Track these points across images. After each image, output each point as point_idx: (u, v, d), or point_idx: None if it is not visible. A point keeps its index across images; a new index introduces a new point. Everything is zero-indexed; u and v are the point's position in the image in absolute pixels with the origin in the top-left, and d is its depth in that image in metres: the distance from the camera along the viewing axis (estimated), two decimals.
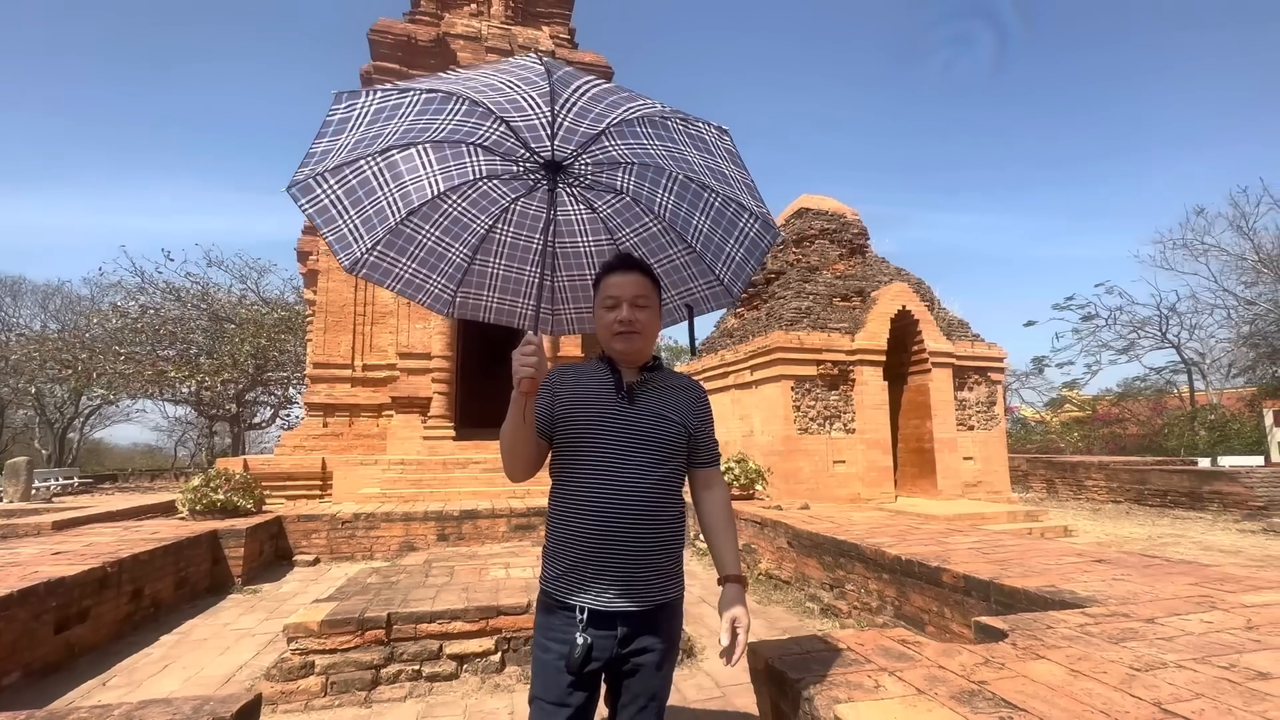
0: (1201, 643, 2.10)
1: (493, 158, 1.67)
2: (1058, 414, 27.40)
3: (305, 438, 11.07)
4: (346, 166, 1.58)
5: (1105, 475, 13.01)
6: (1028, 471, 14.82)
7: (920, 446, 9.41)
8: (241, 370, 23.48)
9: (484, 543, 6.41)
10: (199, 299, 24.34)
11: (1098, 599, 2.68)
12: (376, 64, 12.38)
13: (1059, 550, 3.84)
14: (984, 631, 2.31)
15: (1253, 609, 2.47)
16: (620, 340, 1.56)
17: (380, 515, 6.51)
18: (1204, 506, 10.84)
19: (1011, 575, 3.17)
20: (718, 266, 1.76)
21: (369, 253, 1.73)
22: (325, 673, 3.07)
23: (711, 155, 1.58)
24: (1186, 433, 19.56)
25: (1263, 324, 22.22)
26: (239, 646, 3.88)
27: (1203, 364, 24.01)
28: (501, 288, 1.92)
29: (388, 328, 11.85)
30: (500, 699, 3.07)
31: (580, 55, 13.73)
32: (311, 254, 14.97)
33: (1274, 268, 21.67)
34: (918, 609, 3.60)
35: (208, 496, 5.86)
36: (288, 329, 24.26)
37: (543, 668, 1.53)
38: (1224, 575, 3.07)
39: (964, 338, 10.03)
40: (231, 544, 5.29)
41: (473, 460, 9.91)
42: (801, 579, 4.89)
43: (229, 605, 4.83)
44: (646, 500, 1.51)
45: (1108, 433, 23.19)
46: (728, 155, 1.59)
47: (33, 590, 3.29)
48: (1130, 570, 3.22)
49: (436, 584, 3.87)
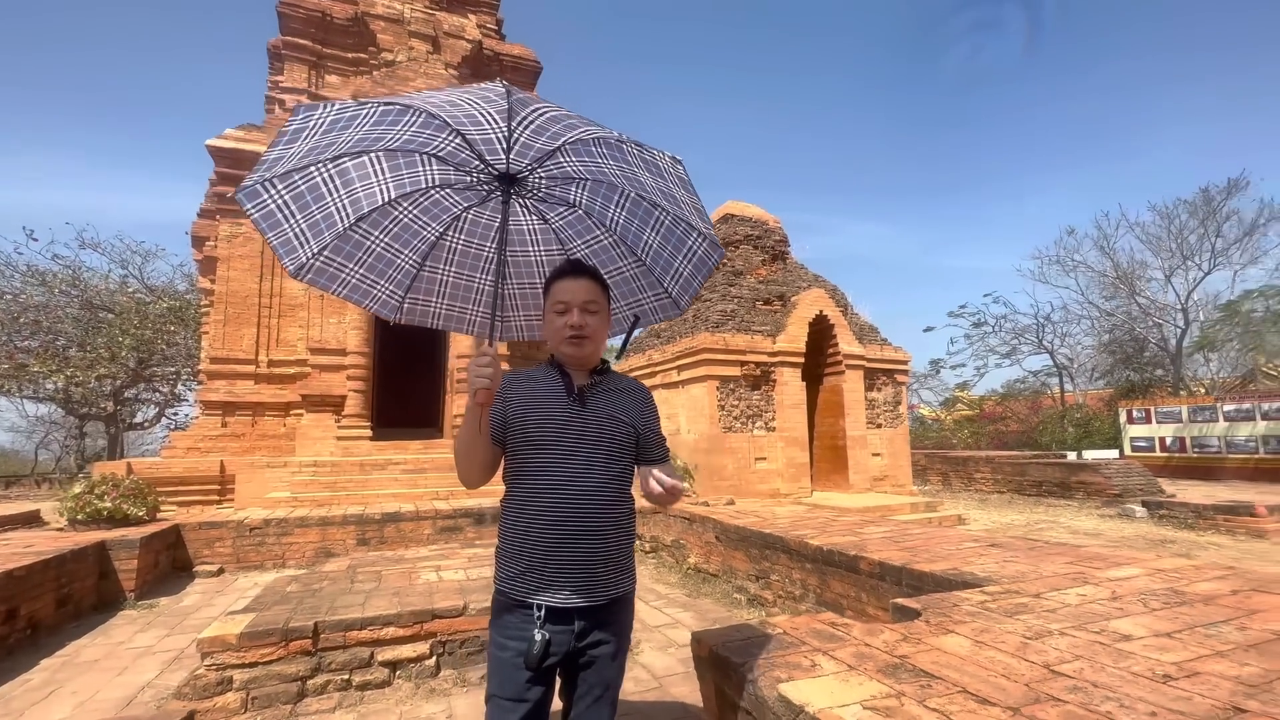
0: (1078, 613, 2.41)
1: (446, 167, 1.68)
2: (951, 413, 29.82)
3: (201, 438, 10.21)
4: (296, 173, 1.57)
5: (991, 469, 14.34)
6: (926, 466, 16.05)
7: (834, 444, 9.99)
8: (121, 365, 21.23)
9: (409, 546, 6.20)
10: (68, 284, 21.74)
11: (994, 579, 3.00)
12: (286, 39, 11.62)
13: (958, 537, 4.25)
14: (900, 611, 2.54)
15: (1116, 582, 2.86)
16: (570, 345, 1.61)
17: (294, 520, 6.14)
18: (1072, 495, 12.19)
19: (920, 561, 3.48)
20: (666, 280, 1.84)
21: (315, 258, 1.70)
22: (245, 688, 2.90)
23: (664, 180, 1.67)
24: (1057, 429, 21.88)
25: (1119, 333, 25.24)
26: (138, 666, 3.56)
27: (1071, 368, 26.94)
28: (450, 294, 1.93)
29: (297, 321, 11.12)
30: (437, 703, 3.02)
31: (508, 47, 13.47)
32: (209, 239, 13.76)
33: (1128, 284, 24.65)
34: (837, 595, 3.86)
35: (92, 504, 5.30)
36: (177, 320, 22.17)
37: (500, 665, 1.55)
38: (1093, 554, 3.52)
39: (874, 342, 10.75)
40: (123, 556, 4.82)
41: (392, 461, 9.52)
42: (729, 571, 5.10)
43: (121, 623, 4.41)
44: (601, 498, 1.58)
45: (993, 430, 25.50)
46: (679, 182, 1.69)
47: None
48: (1018, 553, 3.62)
49: (365, 590, 3.73)
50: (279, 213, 1.60)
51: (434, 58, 12.27)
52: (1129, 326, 24.78)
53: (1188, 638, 2.11)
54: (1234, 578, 2.91)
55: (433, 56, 12.28)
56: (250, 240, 10.83)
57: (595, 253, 1.86)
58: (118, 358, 20.94)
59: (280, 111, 11.42)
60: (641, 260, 1.83)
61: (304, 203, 1.61)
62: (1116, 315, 25.25)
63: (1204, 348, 22.00)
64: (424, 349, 12.93)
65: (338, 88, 11.94)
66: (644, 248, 1.81)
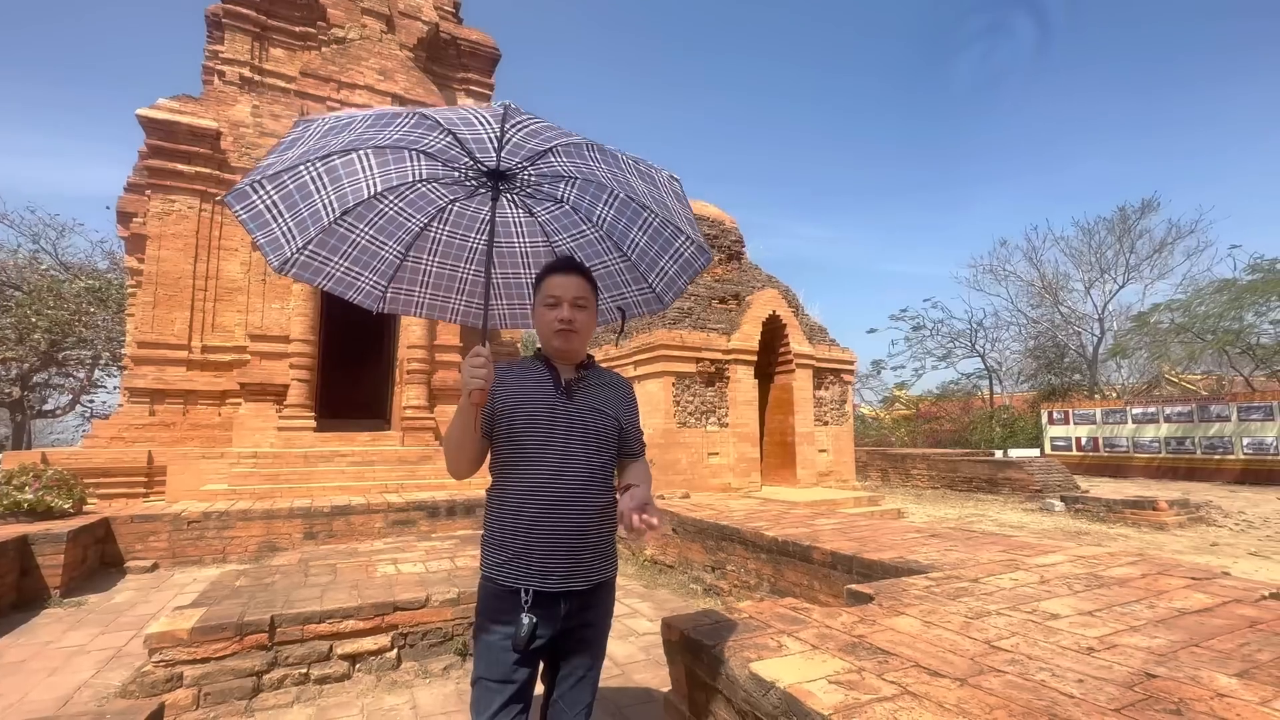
0: (1012, 595, 2.64)
1: (435, 163, 1.71)
2: (890, 411, 31.15)
3: (126, 427, 9.58)
4: (286, 173, 1.59)
5: (927, 465, 15.11)
6: (866, 462, 16.75)
7: (784, 440, 10.32)
8: (31, 347, 19.64)
9: (359, 540, 6.05)
10: None
11: (936, 566, 3.23)
12: (227, 7, 10.97)
13: (901, 528, 4.51)
14: (855, 596, 2.71)
15: (1043, 568, 3.13)
16: (559, 338, 1.67)
17: (236, 513, 5.89)
18: (999, 490, 13.00)
19: (869, 550, 3.69)
20: (650, 276, 1.91)
21: (299, 252, 1.71)
22: (197, 684, 2.81)
23: (657, 189, 1.74)
24: (986, 429, 23.20)
25: (1043, 340, 26.99)
26: (70, 666, 3.37)
27: (1000, 371, 28.63)
28: (434, 284, 1.95)
29: (235, 305, 10.58)
30: (399, 695, 3.00)
31: (466, 32, 13.18)
32: (136, 215, 12.93)
33: (1052, 293, 26.37)
34: (791, 583, 4.04)
35: (11, 496, 4.93)
36: (97, 300, 20.67)
37: (487, 649, 1.60)
38: (1022, 544, 3.82)
39: (823, 342, 11.14)
40: (48, 551, 4.51)
41: (339, 453, 9.22)
42: (685, 563, 5.23)
43: (46, 622, 4.14)
44: (585, 487, 1.64)
45: (928, 429, 26.81)
46: (674, 195, 1.76)
47: None
48: (957, 543, 3.89)
49: (320, 583, 3.65)
50: (267, 213, 1.62)
51: (388, 37, 11.88)
52: (1052, 333, 26.57)
53: (1106, 615, 2.34)
54: (1143, 563, 3.22)
55: (387, 36, 11.88)
56: (184, 219, 10.24)
57: (580, 246, 1.91)
58: (26, 339, 19.37)
59: (220, 83, 10.81)
60: (627, 256, 1.89)
61: (292, 201, 1.63)
62: (1041, 323, 27.02)
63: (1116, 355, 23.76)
64: (373, 339, 12.55)
65: (283, 61, 11.40)
66: (630, 245, 1.87)
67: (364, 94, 10.99)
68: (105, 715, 1.50)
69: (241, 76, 10.89)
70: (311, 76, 10.70)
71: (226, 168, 10.19)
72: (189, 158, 10.15)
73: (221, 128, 10.11)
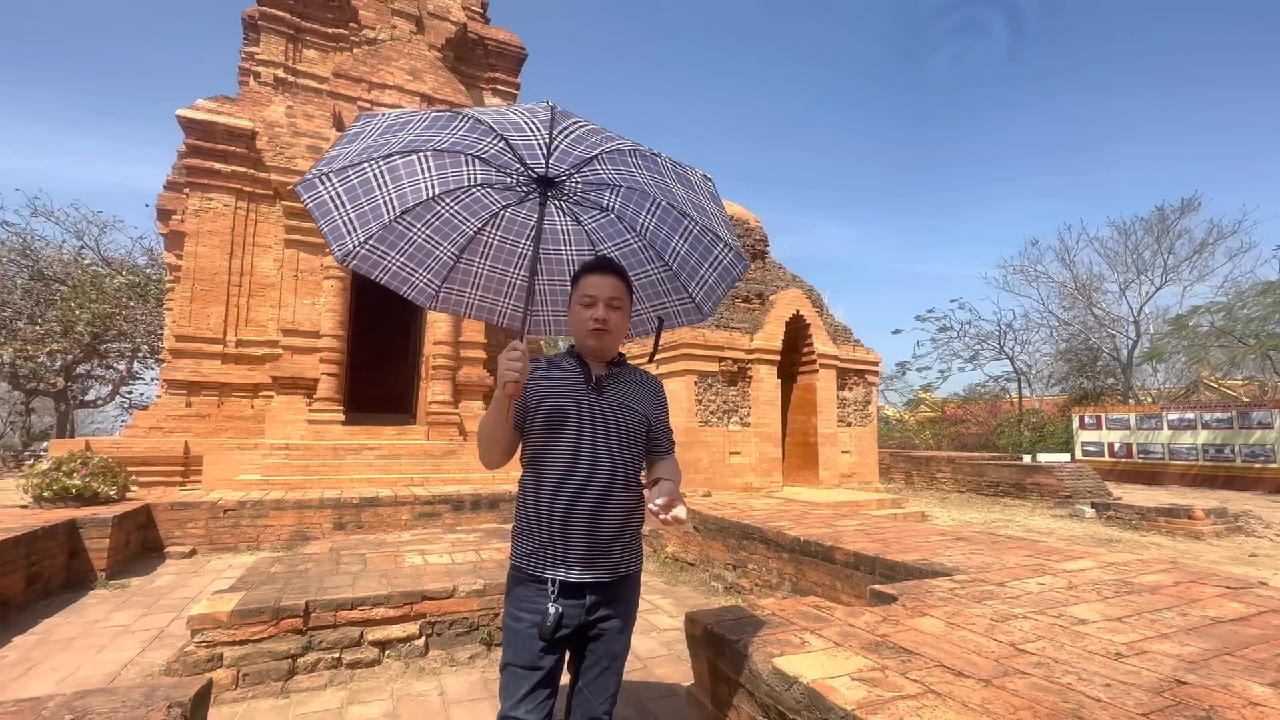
0: (1038, 599, 2.61)
1: (488, 168, 1.76)
2: (915, 414, 30.69)
3: (164, 418, 9.93)
4: (350, 169, 1.67)
5: (952, 469, 14.88)
6: (890, 465, 16.55)
7: (806, 440, 10.26)
8: (74, 339, 20.38)
9: (386, 531, 6.19)
10: (18, 254, 20.75)
11: (961, 569, 3.20)
12: (262, 9, 11.27)
13: (925, 531, 4.47)
14: (878, 597, 2.71)
15: (1071, 573, 3.09)
16: (593, 337, 1.71)
17: (269, 503, 6.07)
18: (1026, 495, 12.75)
19: (892, 552, 3.67)
20: (691, 286, 1.94)
21: (361, 245, 1.79)
22: (236, 665, 2.92)
23: (695, 192, 1.77)
24: (1015, 433, 22.74)
25: (1075, 342, 26.33)
26: (117, 645, 3.53)
27: (1029, 374, 28.00)
28: (484, 286, 2.00)
29: (268, 301, 10.87)
30: (427, 681, 3.09)
31: (494, 32, 13.32)
32: (175, 213, 13.33)
33: (1085, 295, 25.71)
34: (813, 583, 4.04)
35: (60, 482, 5.16)
36: (136, 295, 21.37)
37: (515, 636, 1.64)
38: (1050, 549, 3.77)
39: (847, 342, 11.04)
40: (94, 534, 4.72)
41: (366, 446, 9.42)
42: (706, 561, 5.25)
43: (93, 602, 4.33)
44: (612, 481, 1.68)
45: (954, 431, 26.35)
46: (709, 195, 1.79)
47: None
48: (982, 546, 3.85)
49: (351, 572, 3.76)
50: (331, 203, 1.70)
51: (417, 37, 12.07)
52: (1085, 336, 25.90)
53: (1136, 622, 2.31)
54: (1175, 571, 3.16)
55: (416, 37, 12.07)
56: (220, 216, 10.55)
57: (624, 255, 1.94)
58: (71, 332, 20.11)
59: (255, 84, 11.09)
60: (669, 265, 1.92)
61: (354, 195, 1.71)
62: (1074, 325, 26.36)
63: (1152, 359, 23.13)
64: (400, 334, 12.78)
65: (316, 62, 11.67)
66: (672, 254, 1.90)
67: (394, 94, 11.19)
68: (158, 688, 1.57)
69: (276, 77, 11.17)
70: (343, 77, 10.93)
71: (261, 166, 10.46)
72: (225, 157, 10.44)
73: (257, 127, 10.38)
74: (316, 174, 1.66)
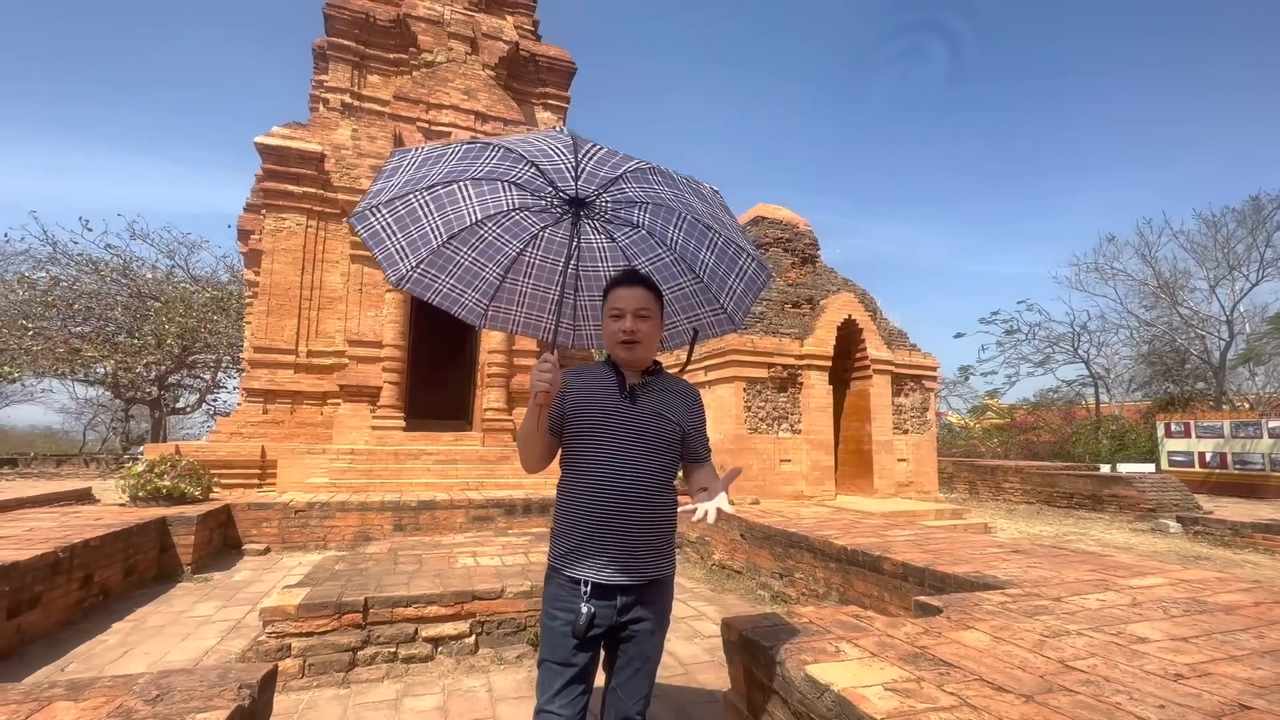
0: (1097, 616, 2.49)
1: (524, 193, 1.88)
2: (980, 420, 29.30)
3: (243, 424, 10.65)
4: (397, 200, 1.82)
5: (1020, 478, 14.13)
6: (953, 474, 15.88)
7: (859, 448, 10.00)
8: (166, 351, 22.13)
9: (442, 533, 6.45)
10: (119, 273, 22.74)
11: (1015, 582, 3.08)
12: (331, 40, 12.00)
13: (982, 543, 4.30)
14: (922, 608, 2.65)
15: (1138, 590, 2.92)
16: (623, 348, 1.77)
17: (335, 505, 6.43)
18: (1103, 508, 11.97)
19: (943, 563, 3.56)
20: (722, 296, 1.99)
21: (413, 270, 1.94)
22: (302, 655, 3.13)
23: (709, 205, 1.82)
24: (1091, 441, 21.39)
25: (1159, 344, 24.54)
26: (200, 633, 3.84)
27: (1107, 378, 26.26)
28: (529, 303, 2.12)
29: (335, 314, 11.51)
30: (476, 678, 3.21)
31: (544, 48, 13.69)
32: (253, 233, 14.30)
33: (1170, 293, 23.93)
34: (860, 594, 3.96)
35: (152, 483, 5.65)
36: (219, 309, 23.03)
37: (550, 634, 1.72)
38: (1117, 563, 3.56)
39: (902, 347, 10.71)
40: (181, 531, 5.15)
41: (425, 452, 9.83)
42: (753, 569, 5.22)
43: (180, 593, 4.72)
44: (645, 487, 1.73)
45: (1023, 439, 25.01)
46: (721, 208, 1.84)
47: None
48: (1041, 559, 3.68)
49: (407, 571, 3.95)
50: (383, 232, 1.86)
51: (472, 58, 12.56)
52: (1170, 337, 24.07)
53: (1204, 643, 2.18)
54: (1258, 590, 2.94)
55: (471, 57, 12.56)
56: (293, 235, 11.25)
57: (658, 269, 2.01)
58: (163, 345, 21.83)
59: (324, 110, 11.81)
60: (700, 277, 1.98)
61: (403, 224, 1.87)
62: (1157, 325, 24.55)
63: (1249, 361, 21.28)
64: (456, 343, 13.26)
65: (379, 87, 12.31)
66: (701, 266, 1.96)
67: (450, 113, 11.69)
68: (230, 671, 1.74)
69: (342, 103, 11.85)
70: (403, 100, 11.51)
71: (329, 187, 11.11)
72: (298, 179, 11.15)
73: (325, 150, 11.04)
74: (366, 206, 1.81)
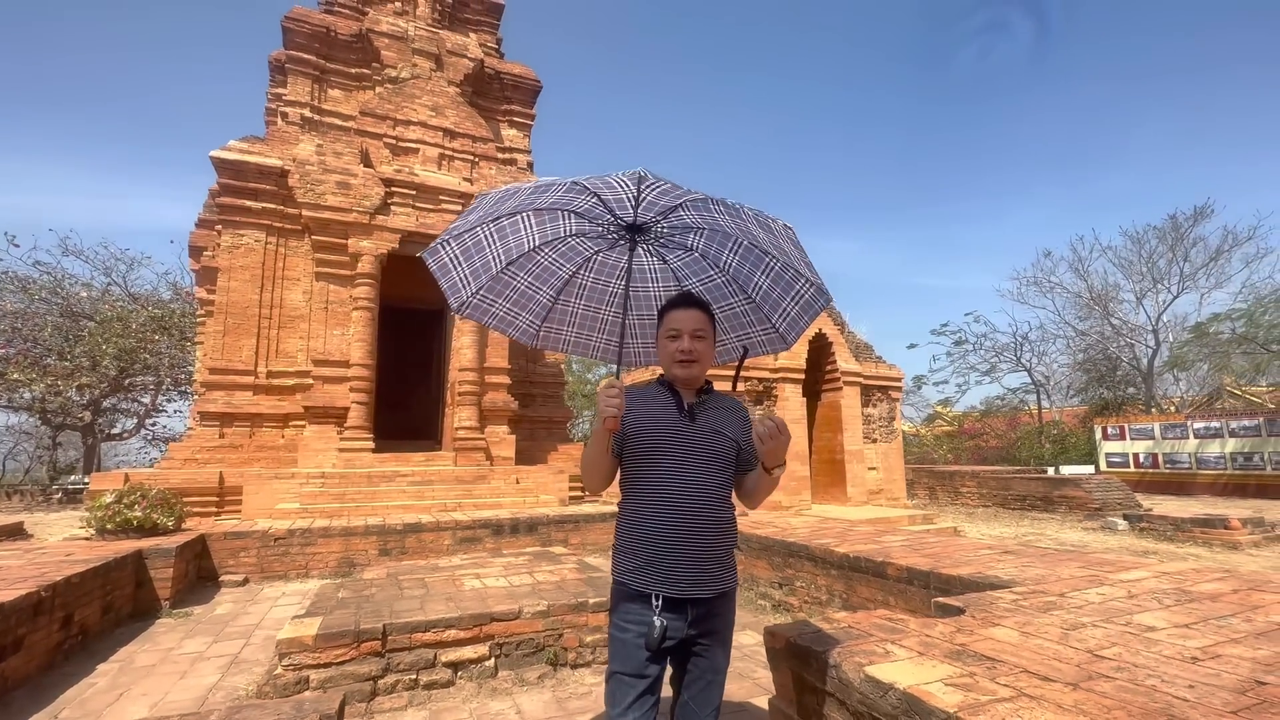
0: (1102, 609, 2.69)
1: (582, 220, 1.98)
2: (932, 428, 30.50)
3: (198, 450, 10.14)
4: (465, 233, 1.92)
5: (976, 483, 14.80)
6: (913, 479, 16.46)
7: (832, 458, 10.31)
8: (102, 374, 20.82)
9: (428, 556, 6.30)
10: (50, 292, 21.33)
11: (1017, 581, 3.28)
12: (290, 53, 11.72)
13: (973, 545, 4.53)
14: (943, 609, 2.79)
15: (1129, 583, 3.16)
16: (680, 367, 1.85)
17: (317, 531, 6.21)
18: (1054, 509, 12.66)
19: (945, 566, 3.74)
20: (774, 317, 2.09)
21: (473, 296, 2.01)
22: (322, 686, 3.04)
23: (776, 237, 1.93)
24: (1035, 445, 22.57)
25: (1093, 352, 26.19)
26: (197, 670, 3.65)
27: (1048, 385, 27.83)
28: (580, 323, 2.18)
29: (297, 332, 11.12)
30: (502, 701, 3.18)
31: (509, 66, 13.74)
32: (206, 249, 13.74)
33: (1102, 305, 25.65)
34: (864, 599, 4.11)
35: (123, 514, 5.33)
36: (160, 329, 21.83)
37: (622, 646, 1.77)
38: (1102, 560, 3.83)
39: (869, 359, 11.13)
40: (159, 564, 4.87)
41: (399, 473, 9.58)
42: (750, 579, 5.32)
43: (161, 630, 4.46)
44: (710, 502, 1.81)
45: (972, 445, 26.17)
46: (792, 242, 1.94)
47: None
48: (1033, 559, 3.91)
49: (416, 595, 3.88)
50: (450, 264, 1.94)
51: (437, 75, 12.48)
52: (1103, 346, 25.76)
53: (1204, 628, 2.39)
54: (1232, 579, 3.22)
55: (436, 74, 12.48)
56: (251, 251, 10.87)
57: (709, 290, 2.10)
58: (99, 367, 20.53)
59: (283, 124, 11.50)
60: (751, 298, 2.08)
61: (469, 255, 1.95)
62: (1091, 335, 26.24)
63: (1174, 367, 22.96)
64: (420, 363, 13.03)
65: (340, 101, 12.08)
66: (754, 288, 2.06)
67: (418, 129, 11.57)
68: (304, 702, 1.70)
69: (303, 117, 11.57)
70: (370, 115, 11.34)
71: (290, 203, 10.80)
72: (256, 194, 10.80)
73: (287, 165, 10.74)
74: (439, 241, 1.92)
